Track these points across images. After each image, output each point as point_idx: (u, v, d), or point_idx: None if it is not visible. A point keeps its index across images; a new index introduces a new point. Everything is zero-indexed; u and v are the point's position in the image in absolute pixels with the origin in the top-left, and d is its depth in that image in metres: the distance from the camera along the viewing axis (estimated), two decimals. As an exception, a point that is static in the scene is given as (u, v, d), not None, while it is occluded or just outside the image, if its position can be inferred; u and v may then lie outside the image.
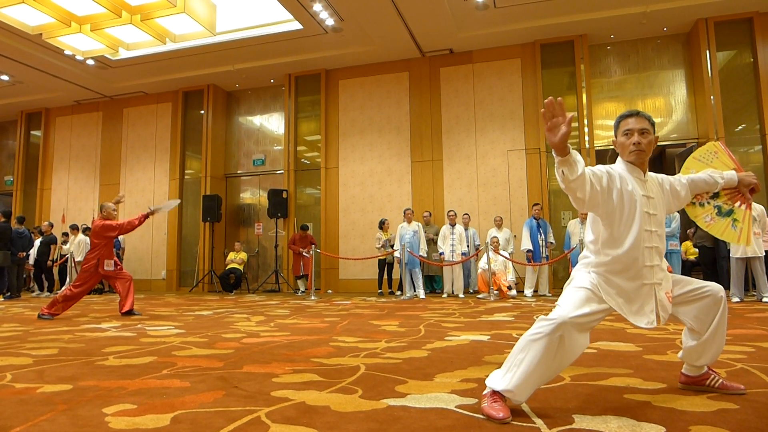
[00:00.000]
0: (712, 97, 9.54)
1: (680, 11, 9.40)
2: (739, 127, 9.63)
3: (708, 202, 2.33)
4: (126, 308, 6.29)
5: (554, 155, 1.91)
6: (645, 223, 2.06)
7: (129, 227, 6.37)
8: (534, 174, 10.47)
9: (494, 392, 1.95)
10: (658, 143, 7.47)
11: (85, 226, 11.99)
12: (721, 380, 2.24)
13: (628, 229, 2.06)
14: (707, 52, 9.61)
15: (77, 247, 11.42)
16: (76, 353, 3.45)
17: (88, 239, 11.67)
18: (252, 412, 1.99)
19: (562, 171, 1.92)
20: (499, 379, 1.96)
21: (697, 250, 8.15)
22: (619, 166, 2.18)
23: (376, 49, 10.96)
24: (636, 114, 2.18)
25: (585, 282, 2.08)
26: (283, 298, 9.56)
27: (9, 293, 10.02)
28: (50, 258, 10.77)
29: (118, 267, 6.55)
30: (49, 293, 10.97)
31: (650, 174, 2.22)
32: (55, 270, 12.62)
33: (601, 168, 2.10)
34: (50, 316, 6.00)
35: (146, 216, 6.42)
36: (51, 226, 11.11)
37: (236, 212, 13.24)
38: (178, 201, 8.13)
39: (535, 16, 9.79)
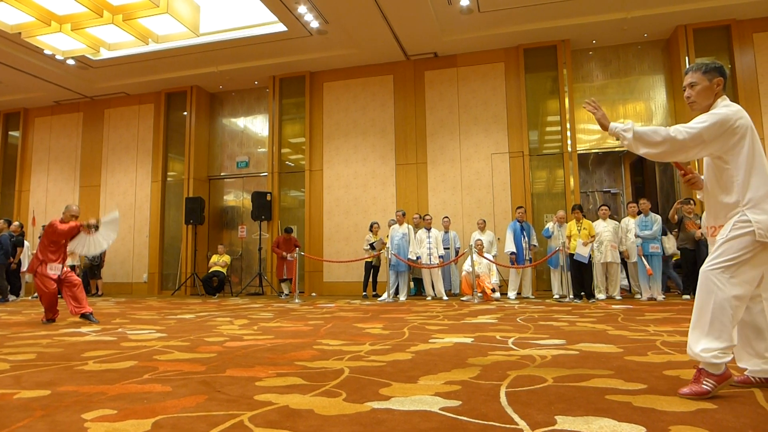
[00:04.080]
0: (691, 103, 9.70)
1: (660, 18, 9.58)
2: (717, 132, 9.80)
3: None
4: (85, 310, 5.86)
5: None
6: None
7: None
8: (517, 177, 10.56)
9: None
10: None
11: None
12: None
13: None
14: (686, 57, 9.80)
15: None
16: (54, 358, 3.39)
17: None
18: (235, 417, 1.97)
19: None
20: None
21: (678, 252, 8.28)
22: None
23: (361, 51, 10.97)
24: (687, 72, 2.43)
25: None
26: (266, 301, 9.50)
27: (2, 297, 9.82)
28: (15, 260, 10.45)
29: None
30: (15, 297, 10.70)
31: None
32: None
33: None
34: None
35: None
36: (20, 227, 10.80)
37: (219, 215, 13.14)
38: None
39: (519, 20, 9.89)
